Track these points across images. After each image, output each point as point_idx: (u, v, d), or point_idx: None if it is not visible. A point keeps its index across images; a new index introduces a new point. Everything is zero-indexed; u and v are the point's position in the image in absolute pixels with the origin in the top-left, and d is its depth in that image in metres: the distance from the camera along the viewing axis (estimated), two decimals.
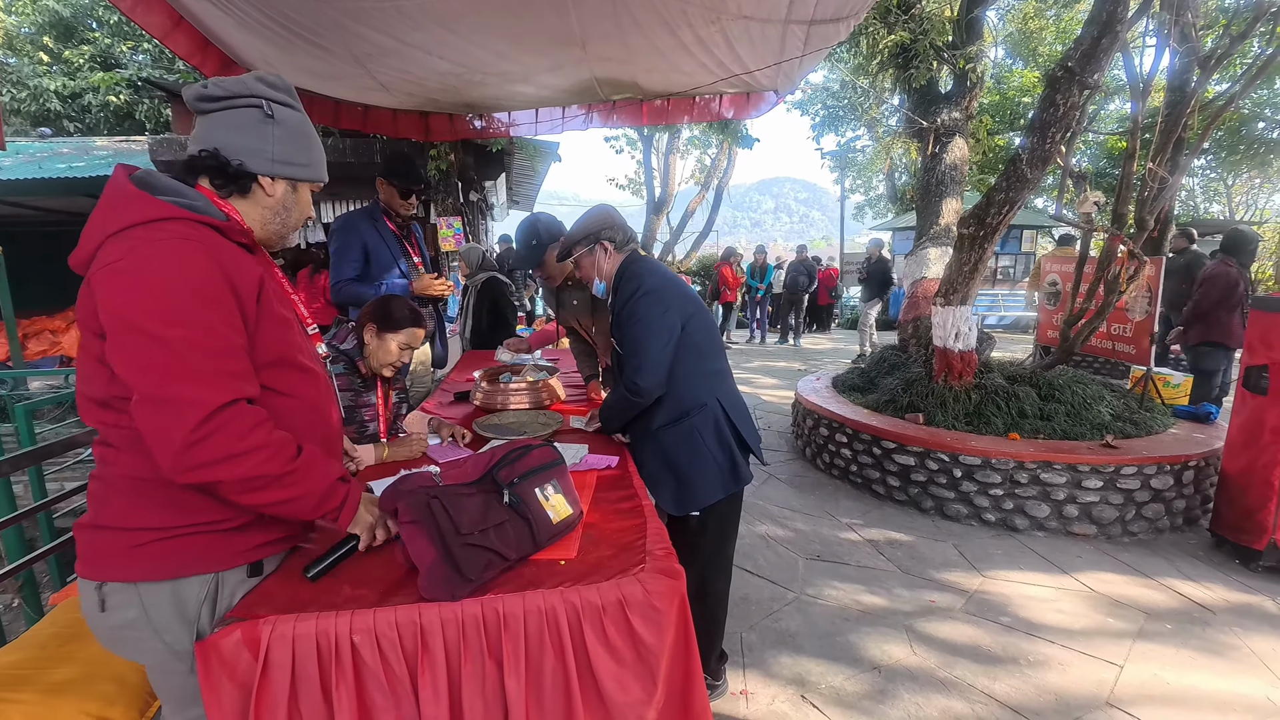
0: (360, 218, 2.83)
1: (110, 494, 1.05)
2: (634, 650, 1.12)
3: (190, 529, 1.06)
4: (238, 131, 1.08)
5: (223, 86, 1.08)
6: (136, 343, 0.93)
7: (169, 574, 1.05)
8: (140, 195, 1.00)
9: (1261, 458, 2.90)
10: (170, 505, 1.04)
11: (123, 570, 1.05)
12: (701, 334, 1.93)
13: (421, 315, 2.01)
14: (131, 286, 0.94)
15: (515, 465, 1.28)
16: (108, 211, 0.99)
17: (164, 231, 0.97)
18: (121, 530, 1.04)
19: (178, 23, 3.17)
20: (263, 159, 1.10)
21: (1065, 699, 2.06)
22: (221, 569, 1.10)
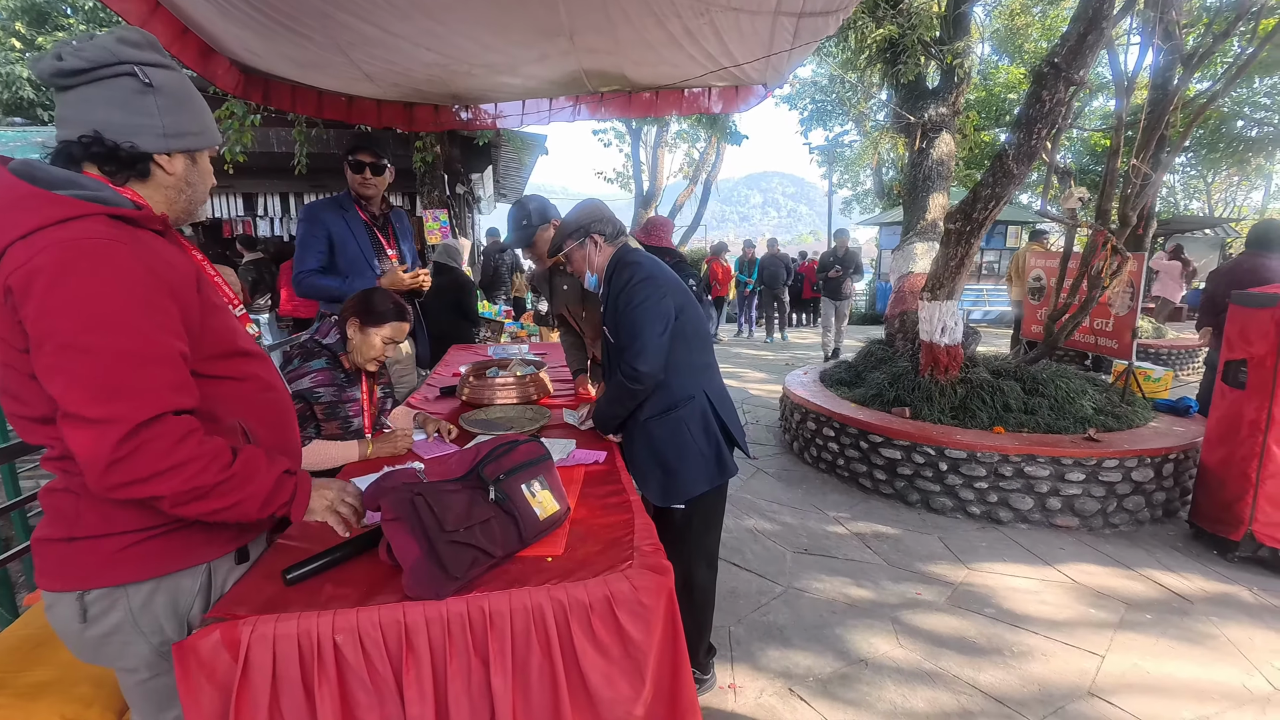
0: (326, 206, 2.70)
1: (80, 504, 1.00)
2: (622, 647, 1.11)
3: (176, 524, 1.03)
4: (117, 108, 0.96)
5: (83, 56, 0.94)
6: (60, 358, 0.86)
7: (158, 571, 1.04)
8: (34, 192, 0.90)
9: (1239, 451, 2.95)
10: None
11: (106, 576, 1.01)
12: (692, 325, 1.93)
13: (406, 309, 1.98)
14: (53, 298, 0.85)
15: (501, 461, 1.26)
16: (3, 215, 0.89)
17: (79, 231, 0.88)
18: (102, 537, 1.00)
19: (155, 9, 3.09)
20: (153, 135, 0.99)
21: (1048, 689, 2.09)
22: (211, 558, 1.09)
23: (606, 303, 1.95)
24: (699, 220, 15.77)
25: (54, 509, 1.03)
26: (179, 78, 1.04)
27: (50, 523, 1.03)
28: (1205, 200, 16.16)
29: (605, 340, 2.00)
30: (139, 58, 0.98)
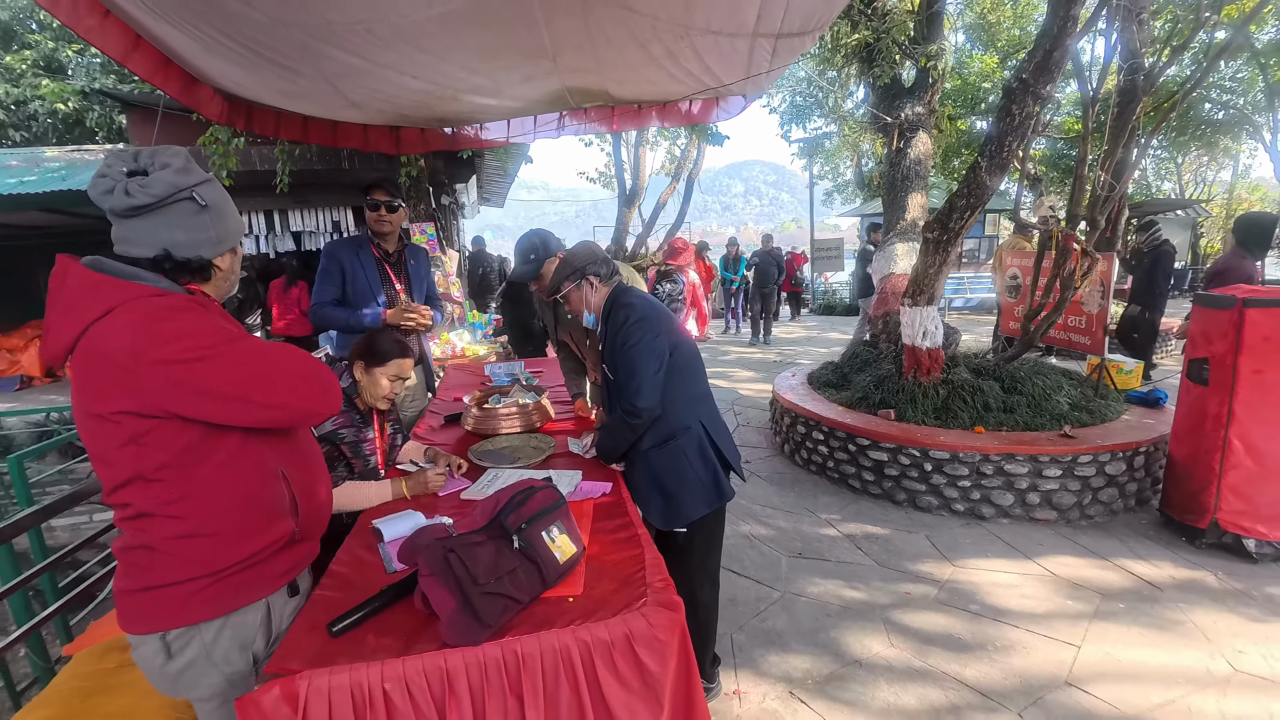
0: (343, 244, 2.92)
1: (154, 557, 1.16)
2: (641, 679, 1.23)
3: (238, 566, 1.20)
4: (181, 229, 1.15)
5: (151, 193, 1.11)
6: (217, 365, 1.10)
7: (226, 609, 1.21)
8: (109, 280, 1.09)
9: (1204, 444, 3.14)
10: (217, 550, 1.18)
11: (184, 616, 1.17)
12: (685, 359, 2.04)
13: (408, 346, 2.07)
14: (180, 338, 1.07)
15: (520, 511, 1.37)
16: (82, 301, 1.07)
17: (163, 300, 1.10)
18: (176, 585, 1.16)
19: (136, 43, 3.11)
20: (211, 246, 1.21)
21: (1029, 680, 2.25)
22: (268, 594, 1.26)
23: (605, 342, 2.06)
24: (683, 218, 15.83)
25: (131, 563, 1.18)
26: (216, 187, 1.22)
27: (128, 575, 1.18)
28: (1176, 181, 16.55)
29: (605, 376, 2.11)
30: (192, 182, 1.15)
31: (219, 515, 1.17)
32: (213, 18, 2.79)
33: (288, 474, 1.27)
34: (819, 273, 16.19)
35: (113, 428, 1.08)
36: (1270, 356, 2.93)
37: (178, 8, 2.63)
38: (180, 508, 1.13)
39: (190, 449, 1.12)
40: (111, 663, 1.70)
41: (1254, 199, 16.07)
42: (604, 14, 3.16)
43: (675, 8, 2.96)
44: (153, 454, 1.10)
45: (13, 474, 2.08)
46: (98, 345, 1.06)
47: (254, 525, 1.21)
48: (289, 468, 1.28)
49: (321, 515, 1.39)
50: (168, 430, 1.09)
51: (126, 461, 1.10)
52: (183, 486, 1.13)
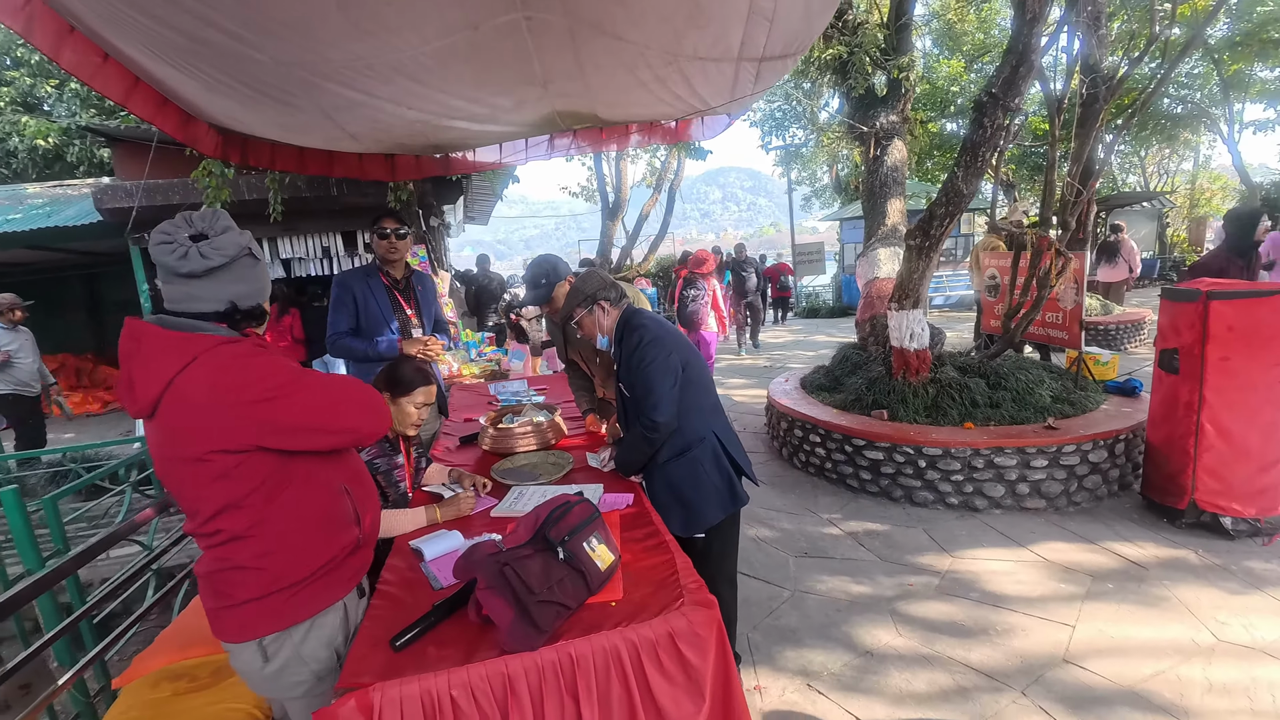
0: (353, 274, 3.04)
1: (247, 575, 1.31)
2: (684, 672, 1.34)
3: (317, 574, 1.36)
4: (244, 281, 1.31)
5: (224, 254, 1.26)
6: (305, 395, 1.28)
7: (313, 612, 1.37)
8: (183, 335, 1.23)
9: (1178, 429, 3.33)
10: (299, 562, 1.34)
11: (277, 623, 1.34)
12: (696, 373, 2.17)
13: (430, 373, 2.18)
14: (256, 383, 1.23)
15: (560, 524, 1.48)
16: (160, 356, 1.20)
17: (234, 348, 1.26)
18: (266, 596, 1.32)
19: (134, 85, 3.19)
20: (264, 293, 1.38)
21: (1029, 660, 2.39)
22: (343, 595, 1.43)
23: (620, 362, 2.18)
24: (666, 228, 16.06)
25: (224, 582, 1.32)
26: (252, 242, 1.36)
27: (220, 593, 1.32)
28: (1141, 174, 17.13)
29: (620, 394, 2.23)
30: (246, 239, 1.32)
31: (298, 531, 1.33)
32: (218, 60, 2.88)
33: (349, 489, 1.45)
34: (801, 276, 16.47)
35: (205, 467, 1.22)
36: (1234, 345, 3.13)
37: (182, 52, 2.73)
38: (266, 528, 1.29)
39: (271, 475, 1.28)
40: (165, 691, 1.77)
41: (1215, 188, 16.69)
42: (595, 45, 3.31)
43: (664, 36, 3.10)
44: (241, 484, 1.25)
45: (48, 516, 2.13)
46: (184, 394, 1.19)
47: (327, 537, 1.38)
48: (350, 484, 1.45)
49: (376, 523, 1.56)
50: (253, 462, 1.24)
51: (218, 494, 1.25)
52: (267, 510, 1.29)
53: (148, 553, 2.49)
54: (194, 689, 1.78)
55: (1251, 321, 3.09)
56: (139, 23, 2.39)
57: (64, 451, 3.43)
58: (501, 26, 2.75)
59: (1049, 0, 3.35)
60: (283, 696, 1.40)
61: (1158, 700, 2.16)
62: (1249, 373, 3.12)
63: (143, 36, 2.55)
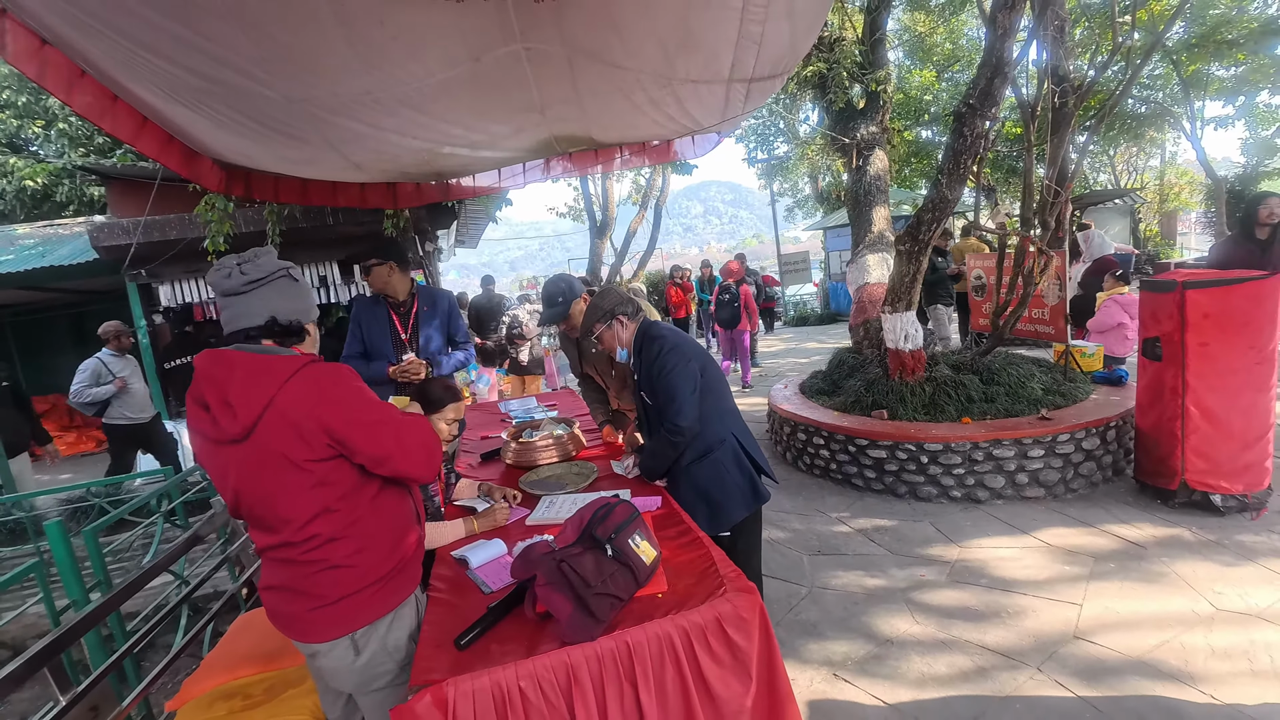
0: (364, 302, 3.19)
1: (340, 573, 1.41)
2: (731, 654, 1.44)
3: (395, 569, 1.49)
4: (283, 299, 1.44)
5: (261, 268, 1.42)
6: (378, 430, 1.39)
7: (393, 606, 1.49)
8: (266, 358, 1.36)
9: (1165, 413, 3.49)
10: (382, 559, 1.46)
11: (365, 617, 1.45)
12: (714, 379, 2.29)
13: (457, 389, 2.27)
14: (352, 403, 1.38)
15: (606, 523, 1.58)
16: (259, 376, 1.33)
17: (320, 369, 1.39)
18: (359, 592, 1.43)
19: (143, 124, 3.28)
20: (305, 313, 1.49)
21: (1042, 639, 2.51)
22: (414, 589, 1.57)
23: (640, 372, 2.29)
24: (654, 244, 16.28)
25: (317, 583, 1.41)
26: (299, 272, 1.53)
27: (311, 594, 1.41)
28: (1111, 172, 17.66)
29: (642, 402, 2.33)
30: (287, 264, 1.48)
31: (381, 531, 1.46)
32: (230, 98, 2.99)
33: (413, 493, 1.60)
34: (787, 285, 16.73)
35: (305, 475, 1.34)
36: (1211, 331, 3.31)
37: (195, 91, 2.83)
38: (356, 528, 1.42)
39: (357, 480, 1.42)
40: (221, 710, 1.83)
41: (1183, 183, 17.26)
42: (591, 72, 3.46)
43: (657, 61, 3.24)
44: (335, 489, 1.38)
45: (90, 549, 2.18)
46: (284, 409, 1.32)
47: (401, 534, 1.51)
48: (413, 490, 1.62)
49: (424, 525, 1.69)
50: (343, 468, 1.38)
51: (316, 500, 1.37)
52: (356, 511, 1.42)
53: (181, 583, 2.54)
54: (249, 706, 1.84)
55: (1225, 308, 3.27)
56: (152, 64, 2.48)
57: (87, 486, 3.45)
58: (502, 58, 2.88)
59: (1019, 14, 3.56)
60: (370, 688, 1.49)
61: (1165, 668, 2.27)
62: (1227, 357, 3.29)
63: (156, 78, 2.64)
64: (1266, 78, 12.17)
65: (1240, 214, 4.10)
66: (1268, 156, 14.58)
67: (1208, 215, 16.19)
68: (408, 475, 1.46)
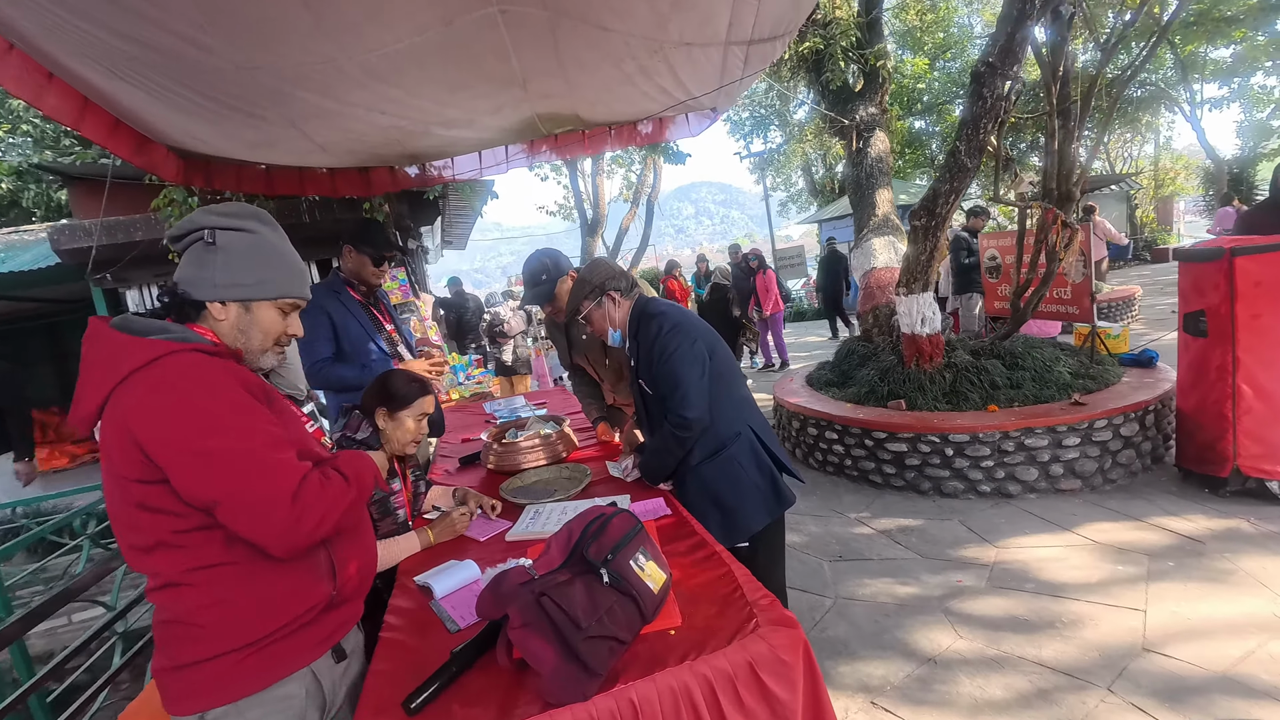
0: (322, 292, 2.65)
1: (188, 630, 1.06)
2: (769, 710, 1.10)
3: (281, 631, 1.09)
4: (188, 265, 1.15)
5: (179, 227, 1.16)
6: (203, 462, 0.98)
7: (269, 681, 1.08)
8: (131, 340, 1.03)
9: (1212, 394, 3.18)
10: (250, 619, 1.07)
11: (224, 694, 1.06)
12: (724, 364, 1.96)
13: (427, 383, 1.94)
14: (175, 418, 0.98)
15: (601, 541, 1.24)
16: (105, 363, 1.02)
17: (171, 365, 1.02)
18: (213, 659, 1.05)
19: (85, 106, 2.94)
20: (207, 286, 1.13)
21: (1107, 652, 2.18)
22: (311, 661, 1.14)
23: (638, 357, 1.96)
24: (647, 240, 15.97)
25: (167, 638, 1.08)
26: (253, 240, 1.16)
27: (164, 652, 1.08)
28: (1106, 159, 17.47)
29: (642, 392, 2.00)
30: (212, 222, 1.13)
31: (248, 581, 1.07)
32: (170, 69, 2.65)
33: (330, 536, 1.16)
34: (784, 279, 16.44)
35: (130, 493, 1.01)
36: (1263, 301, 3.01)
37: (131, 61, 2.49)
38: (207, 575, 1.04)
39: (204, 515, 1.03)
40: None
41: (1178, 168, 17.09)
42: (576, 37, 3.12)
43: (648, 23, 2.94)
44: (172, 520, 1.02)
45: None
46: (115, 409, 1.00)
47: (287, 590, 1.11)
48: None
49: (364, 574, 1.26)
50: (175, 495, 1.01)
51: (149, 529, 1.03)
52: (204, 553, 1.04)
53: (111, 613, 2.18)
54: None
55: (1278, 275, 2.97)
56: (80, 29, 2.16)
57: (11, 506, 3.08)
58: (477, 21, 2.57)
59: None
60: None
61: (1257, 684, 1.95)
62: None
63: (87, 47, 2.33)
64: (1265, 56, 11.99)
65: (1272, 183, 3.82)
66: (1263, 139, 14.42)
67: (1205, 200, 16.02)
68: (248, 538, 1.01)
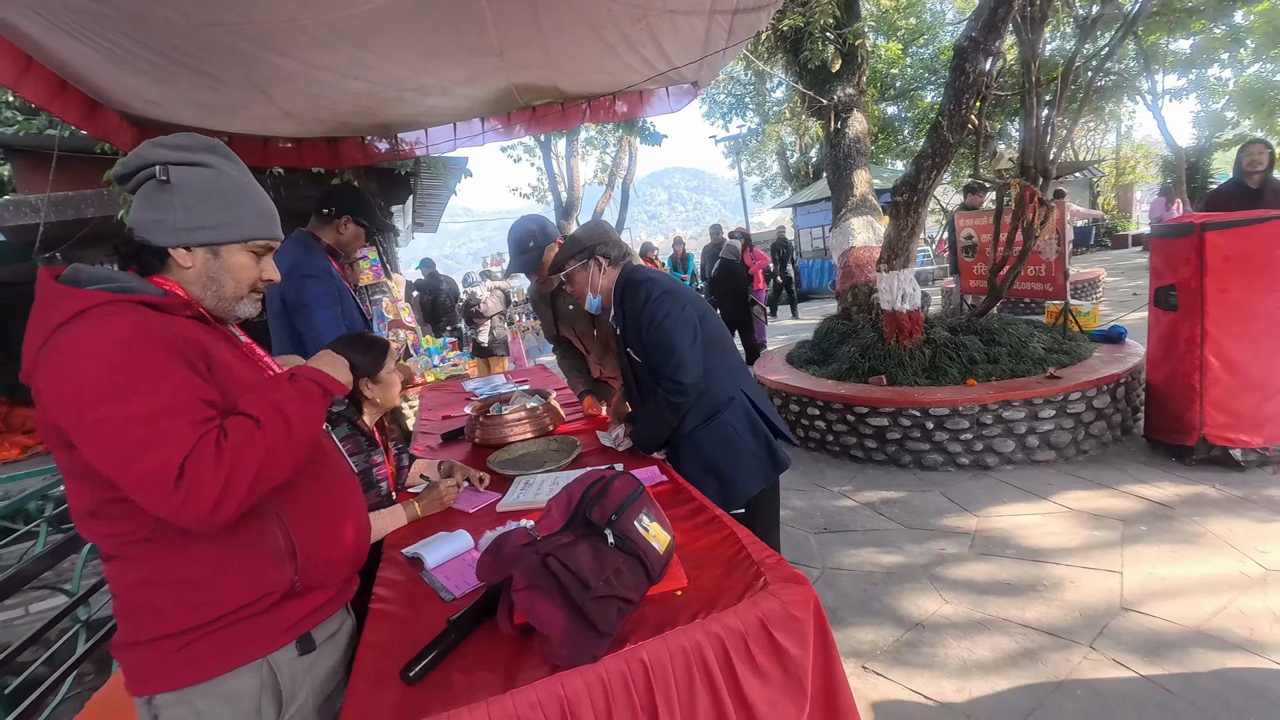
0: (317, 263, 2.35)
1: (135, 606, 0.98)
2: (781, 668, 1.08)
3: (229, 617, 0.99)
4: (142, 208, 1.03)
5: (126, 165, 1.03)
6: (91, 434, 0.87)
7: (216, 671, 0.99)
8: (65, 292, 0.93)
9: (1181, 366, 3.28)
10: (191, 601, 0.97)
11: (170, 679, 0.98)
12: (714, 329, 1.92)
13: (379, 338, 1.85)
14: (65, 383, 0.88)
15: (604, 503, 1.19)
16: (38, 320, 0.92)
17: (88, 321, 0.90)
18: (161, 639, 0.97)
19: (27, 66, 2.73)
20: (166, 230, 1.02)
21: (1087, 612, 2.24)
22: (268, 651, 1.03)
23: (625, 325, 1.90)
24: (622, 224, 15.82)
25: (118, 613, 1.02)
26: (211, 175, 1.05)
27: (123, 627, 1.01)
28: (1071, 147, 17.91)
29: (630, 363, 1.95)
30: (163, 157, 1.02)
31: (187, 560, 0.96)
32: (121, 23, 2.47)
33: (283, 511, 1.05)
34: None
35: (60, 457, 0.94)
36: (1231, 275, 3.09)
37: (77, 15, 2.31)
38: (138, 550, 0.95)
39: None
40: None
41: (1138, 157, 17.63)
42: (556, 3, 3.02)
43: None
44: (91, 489, 0.93)
45: None
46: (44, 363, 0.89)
47: (234, 573, 1.00)
48: (287, 502, 1.05)
49: (339, 559, 1.14)
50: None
51: (76, 494, 0.96)
52: (133, 525, 0.94)
53: (71, 599, 2.06)
54: None
55: (1247, 249, 3.06)
56: None
57: None
58: None
59: None
60: None
61: (1229, 638, 2.02)
62: (1248, 302, 3.09)
63: None
64: (1222, 48, 12.37)
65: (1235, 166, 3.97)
66: (1218, 129, 14.94)
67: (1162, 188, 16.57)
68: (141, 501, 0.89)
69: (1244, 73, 13.65)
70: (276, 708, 1.03)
